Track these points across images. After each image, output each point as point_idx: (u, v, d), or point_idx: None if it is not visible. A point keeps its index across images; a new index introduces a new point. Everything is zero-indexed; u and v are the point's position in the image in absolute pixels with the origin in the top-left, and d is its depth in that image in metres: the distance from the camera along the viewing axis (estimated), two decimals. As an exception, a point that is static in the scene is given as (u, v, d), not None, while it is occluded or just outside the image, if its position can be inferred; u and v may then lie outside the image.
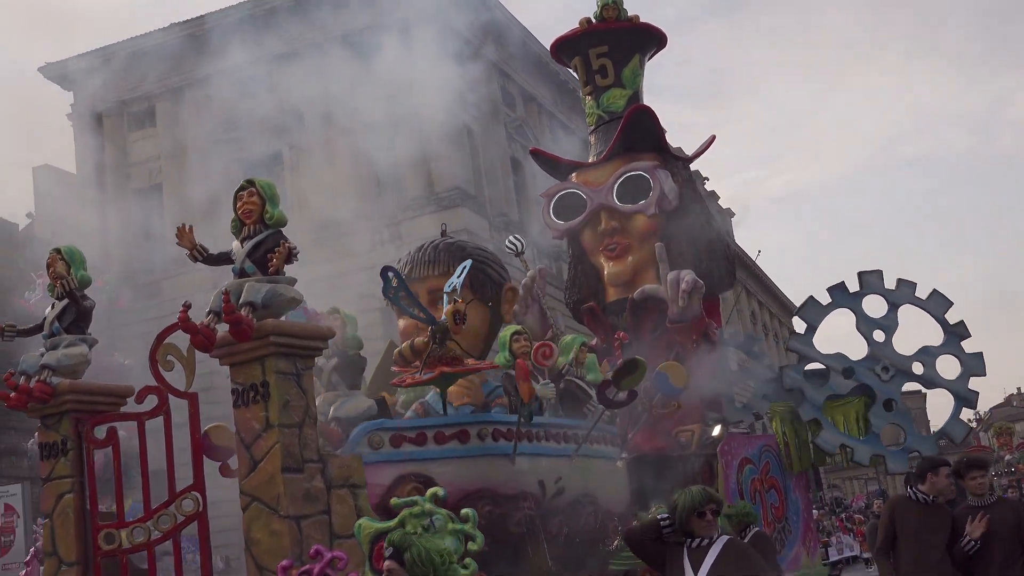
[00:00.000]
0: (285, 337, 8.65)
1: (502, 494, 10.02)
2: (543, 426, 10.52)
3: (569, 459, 10.68)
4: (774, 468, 13.40)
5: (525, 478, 10.22)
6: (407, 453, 9.81)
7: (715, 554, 6.62)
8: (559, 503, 10.55)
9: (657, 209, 14.04)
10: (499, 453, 10.07)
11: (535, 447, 10.37)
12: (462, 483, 9.74)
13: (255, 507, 8.55)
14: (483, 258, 11.81)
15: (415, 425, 10.15)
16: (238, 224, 9.06)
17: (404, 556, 4.28)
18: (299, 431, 8.68)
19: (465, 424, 10.12)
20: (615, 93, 14.72)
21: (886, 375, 13.62)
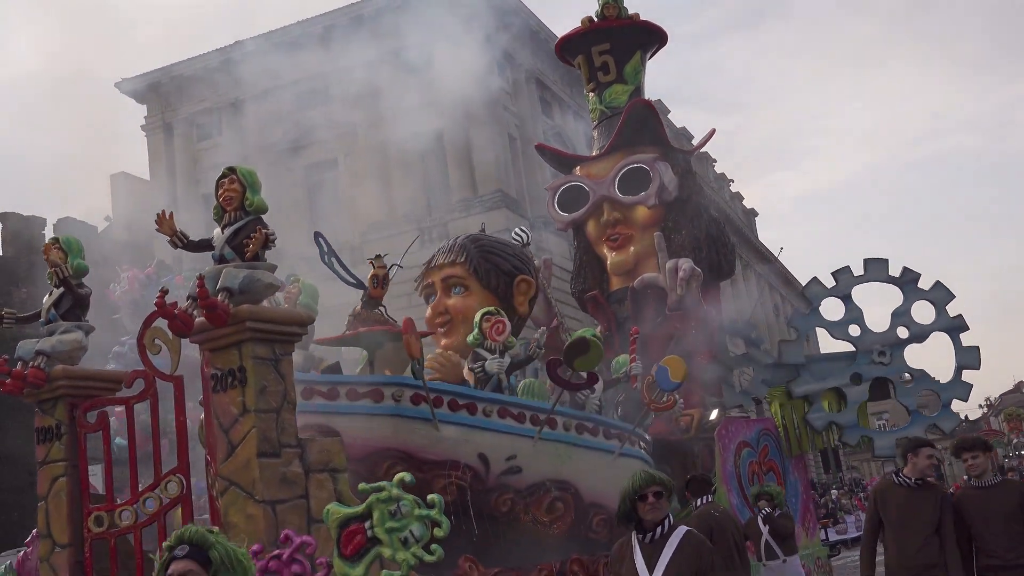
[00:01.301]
0: (262, 323, 7.95)
1: (421, 458, 9.22)
2: (496, 402, 9.67)
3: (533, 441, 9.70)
4: (772, 451, 12.55)
5: (458, 448, 9.36)
6: (315, 405, 9.05)
7: (672, 548, 5.38)
8: (511, 482, 9.65)
9: (657, 200, 13.27)
10: (416, 416, 9.22)
11: (476, 419, 9.48)
12: (368, 439, 9.01)
13: (232, 491, 7.86)
14: (492, 248, 11.11)
15: (330, 380, 9.41)
16: (219, 211, 8.37)
17: (209, 555, 3.44)
18: (277, 416, 7.98)
19: (380, 384, 9.32)
20: (617, 89, 13.97)
21: (885, 359, 12.72)
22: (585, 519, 10.11)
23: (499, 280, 10.80)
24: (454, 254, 10.92)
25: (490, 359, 9.96)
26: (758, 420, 13.00)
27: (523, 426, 9.74)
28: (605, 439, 10.31)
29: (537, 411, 9.88)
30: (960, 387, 12.79)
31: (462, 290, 10.74)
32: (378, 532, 7.21)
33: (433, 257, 11.24)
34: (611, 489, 10.18)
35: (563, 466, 9.94)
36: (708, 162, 51.46)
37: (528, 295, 11.01)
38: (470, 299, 10.62)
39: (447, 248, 11.21)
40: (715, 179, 51.28)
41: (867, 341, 12.71)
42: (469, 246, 10.97)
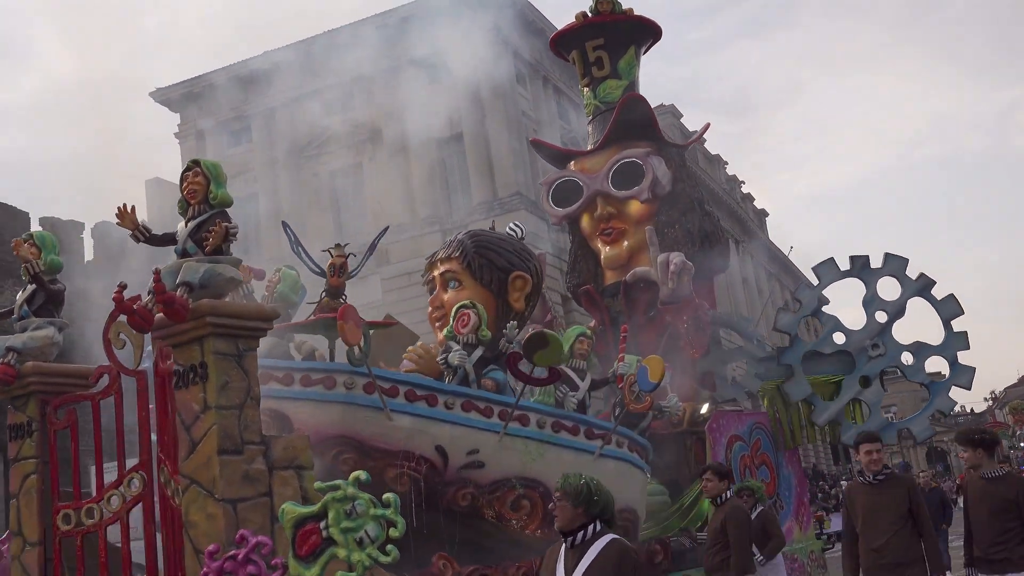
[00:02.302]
0: (223, 318, 7.37)
1: (371, 446, 8.62)
2: (460, 395, 9.03)
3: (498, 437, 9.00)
4: (765, 445, 11.90)
5: (413, 438, 8.71)
6: (269, 390, 8.49)
7: (591, 557, 4.88)
8: (474, 476, 8.95)
9: (650, 194, 12.64)
10: (369, 405, 8.63)
11: (434, 411, 8.84)
12: (319, 426, 8.47)
13: (193, 490, 7.27)
14: (489, 244, 10.39)
15: (286, 366, 8.91)
16: (184, 204, 7.81)
17: None
18: (239, 412, 7.39)
19: (334, 371, 8.78)
20: (611, 84, 13.33)
21: (880, 349, 12.03)
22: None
23: (493, 276, 10.17)
24: (452, 249, 10.34)
25: (453, 350, 9.39)
26: (751, 413, 12.35)
27: (489, 420, 9.04)
28: (586, 438, 9.58)
29: (505, 406, 9.29)
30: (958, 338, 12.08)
31: (457, 284, 10.12)
32: (333, 532, 6.62)
33: (436, 252, 10.70)
34: None
35: (532, 464, 9.17)
36: (719, 164, 50.70)
37: (524, 291, 10.33)
38: (463, 294, 10.00)
39: (447, 243, 10.66)
40: (726, 180, 50.50)
41: (855, 342, 12.05)
42: (466, 241, 10.35)
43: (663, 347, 12.07)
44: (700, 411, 11.64)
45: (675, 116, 45.98)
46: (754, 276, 50.49)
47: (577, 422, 9.55)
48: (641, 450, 10.01)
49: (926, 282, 12.29)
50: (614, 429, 9.70)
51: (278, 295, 10.09)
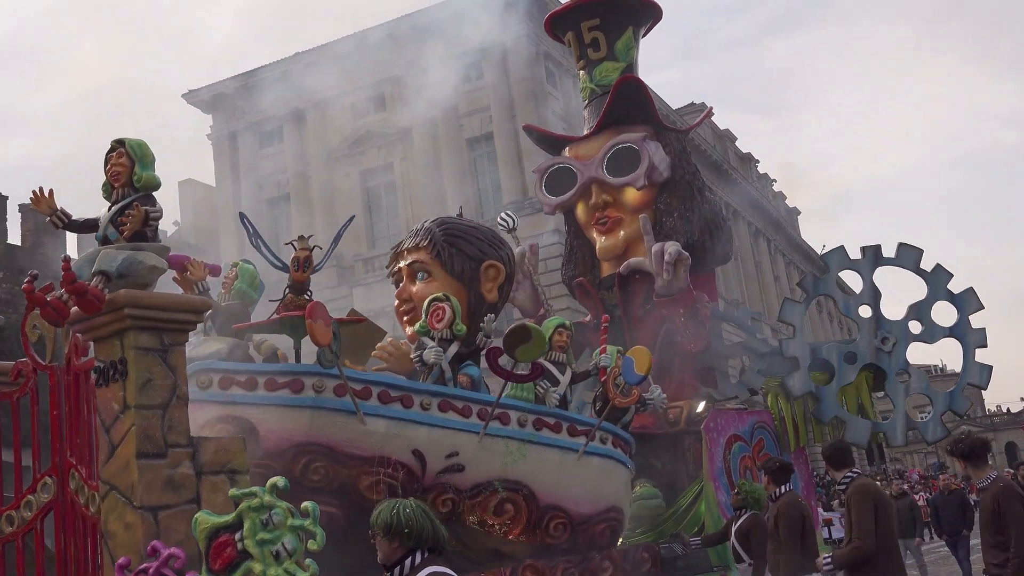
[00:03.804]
0: (144, 309, 6.54)
1: (345, 453, 7.81)
2: (436, 394, 8.20)
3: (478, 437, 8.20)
4: (769, 445, 10.94)
5: (388, 442, 7.89)
6: (232, 396, 7.78)
7: None
8: (454, 480, 8.14)
9: (647, 181, 11.66)
10: (340, 408, 7.83)
11: (410, 413, 8.02)
12: (287, 433, 7.71)
13: (112, 496, 6.46)
14: (459, 232, 9.51)
15: (248, 369, 8.08)
16: (108, 188, 7.00)
17: None
18: (163, 413, 6.57)
19: (300, 373, 7.93)
20: (607, 66, 12.34)
21: (886, 346, 11.02)
22: (541, 523, 8.50)
23: (464, 266, 9.28)
24: (419, 238, 9.42)
25: (428, 347, 8.50)
26: (752, 412, 11.36)
27: (467, 421, 8.22)
28: (570, 436, 8.71)
29: (485, 404, 8.42)
30: (958, 401, 11.12)
31: (425, 276, 9.22)
32: (248, 545, 5.81)
33: (401, 241, 9.78)
34: (573, 490, 8.61)
35: (514, 465, 8.36)
36: (751, 162, 49.47)
37: (497, 281, 9.46)
38: (433, 285, 9.11)
39: (413, 232, 9.71)
40: (757, 179, 49.25)
41: (875, 325, 11.05)
42: (434, 230, 9.45)
43: (660, 342, 11.15)
44: (696, 410, 10.69)
45: (706, 114, 44.80)
46: (786, 275, 49.25)
47: (559, 418, 8.73)
48: (624, 445, 9.16)
49: (980, 338, 11.32)
50: (598, 425, 8.86)
51: (235, 292, 9.29)
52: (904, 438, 11.47)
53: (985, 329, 11.31)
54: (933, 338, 11.32)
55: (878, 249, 11.59)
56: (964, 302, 11.40)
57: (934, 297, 11.46)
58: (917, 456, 64.25)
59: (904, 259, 11.61)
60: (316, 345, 7.41)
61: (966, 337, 11.23)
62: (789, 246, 51.48)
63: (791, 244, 51.55)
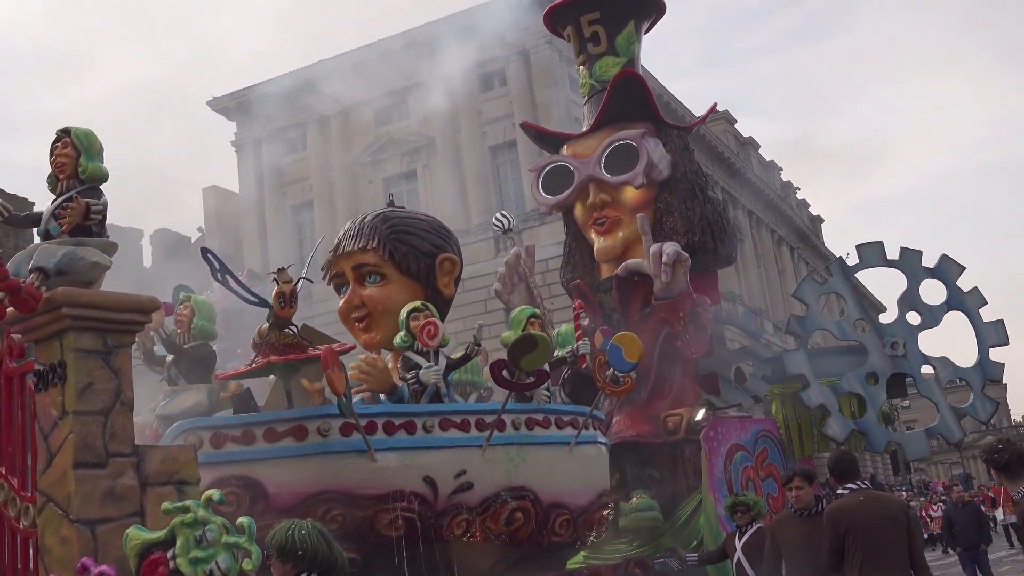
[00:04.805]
0: (84, 309, 6.02)
1: (361, 495, 7.27)
2: (435, 413, 7.67)
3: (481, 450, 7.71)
4: (773, 454, 10.27)
5: (399, 475, 7.37)
6: (229, 454, 7.14)
7: None
8: (464, 500, 7.65)
9: (646, 179, 11.05)
10: (350, 450, 7.26)
11: (416, 439, 7.50)
12: (298, 485, 7.13)
13: (49, 509, 5.95)
14: (406, 227, 8.81)
15: (241, 422, 7.40)
16: (53, 180, 6.49)
17: None
18: (104, 419, 6.05)
19: (302, 419, 7.32)
20: (608, 61, 11.72)
21: (899, 350, 10.34)
22: (547, 523, 8.08)
23: (419, 263, 8.68)
24: (364, 238, 8.68)
25: (425, 367, 7.93)
26: (755, 420, 10.70)
27: (469, 435, 7.74)
28: (559, 429, 8.25)
29: (482, 414, 7.88)
30: (989, 367, 10.34)
31: (378, 279, 8.60)
32: (181, 564, 5.23)
33: (339, 242, 8.99)
34: (571, 484, 8.19)
35: (516, 471, 7.89)
36: (775, 170, 48.63)
37: (453, 274, 8.91)
38: (388, 288, 8.54)
39: (354, 231, 8.89)
40: (781, 186, 48.37)
41: (877, 336, 10.38)
42: (380, 227, 8.73)
43: (659, 347, 10.54)
44: (695, 418, 10.07)
45: (729, 122, 44.08)
46: (810, 279, 48.27)
47: (546, 413, 8.24)
48: (601, 425, 8.78)
49: (976, 298, 10.58)
50: (590, 414, 8.39)
51: (197, 330, 8.54)
52: (960, 431, 10.72)
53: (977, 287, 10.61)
54: (936, 320, 10.58)
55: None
56: (945, 271, 10.67)
57: (915, 281, 10.75)
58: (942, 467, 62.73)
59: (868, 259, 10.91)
60: (335, 394, 6.89)
61: (964, 303, 10.51)
62: (813, 254, 50.52)
63: (815, 252, 50.60)
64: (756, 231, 44.10)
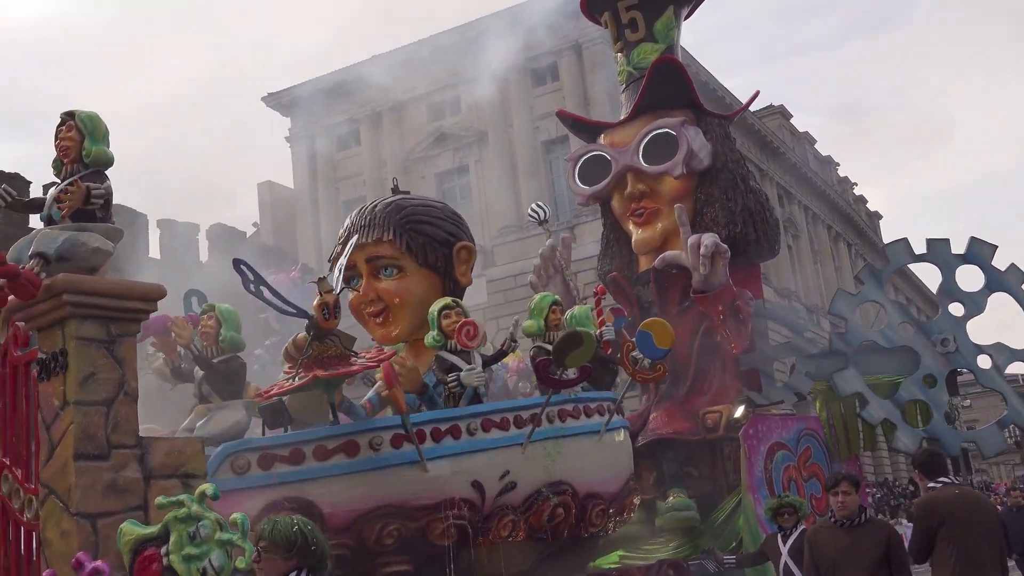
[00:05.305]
0: (85, 296, 5.79)
1: (414, 507, 7.02)
2: (476, 415, 7.40)
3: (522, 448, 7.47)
4: (817, 453, 9.85)
5: (450, 482, 7.13)
6: (278, 475, 6.84)
7: None
8: (510, 500, 7.43)
9: (685, 169, 10.63)
10: (403, 462, 7.00)
11: (463, 444, 7.25)
12: (353, 503, 6.88)
13: (51, 502, 5.75)
14: (421, 216, 8.46)
15: (289, 441, 7.08)
16: (58, 164, 6.28)
17: None
18: (107, 410, 5.84)
19: (352, 434, 7.03)
20: (646, 48, 11.31)
21: (950, 346, 9.83)
22: (584, 515, 7.88)
23: (436, 253, 8.34)
24: (378, 230, 8.30)
25: (466, 369, 7.66)
26: (799, 418, 10.25)
27: (509, 434, 7.52)
28: (587, 418, 8.03)
29: (518, 411, 7.63)
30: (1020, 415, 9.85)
31: (395, 272, 8.27)
32: (174, 560, 4.98)
33: (348, 233, 8.56)
34: (602, 472, 8.01)
35: (554, 466, 7.70)
36: (831, 165, 47.69)
37: (470, 263, 8.57)
38: (406, 281, 8.21)
39: (365, 222, 8.47)
40: (838, 182, 47.40)
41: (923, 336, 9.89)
42: (394, 217, 8.37)
43: (699, 341, 10.15)
44: (734, 415, 9.65)
45: (784, 116, 43.27)
46: (867, 277, 47.29)
47: (575, 403, 7.99)
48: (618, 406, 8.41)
49: (1016, 275, 10.07)
50: (620, 401, 8.23)
51: (226, 342, 8.09)
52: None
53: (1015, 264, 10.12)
54: (979, 307, 10.10)
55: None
56: (977, 255, 10.21)
57: (948, 270, 10.26)
58: (1004, 468, 60.95)
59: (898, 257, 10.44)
60: (399, 411, 6.74)
61: (1005, 282, 10.04)
62: (870, 250, 49.48)
63: (872, 248, 49.54)
64: (812, 227, 43.25)
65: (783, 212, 40.09)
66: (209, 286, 14.92)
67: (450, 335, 7.70)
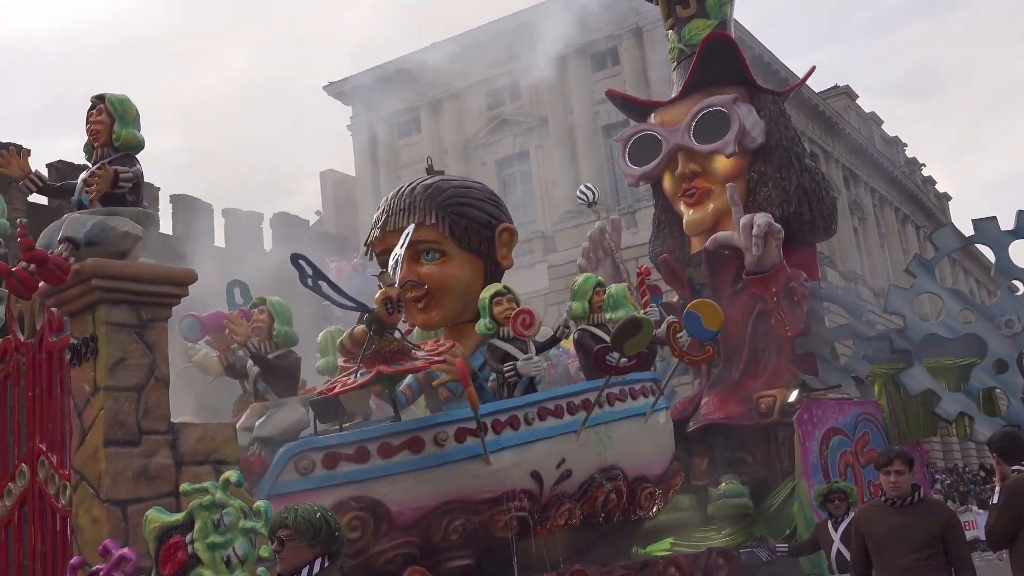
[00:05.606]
0: (115, 281, 5.72)
1: (478, 500, 6.85)
2: (532, 403, 7.21)
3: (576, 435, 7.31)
4: (875, 439, 9.48)
5: (511, 474, 6.95)
6: (345, 474, 6.66)
7: None
8: (565, 488, 7.27)
9: (737, 147, 10.28)
10: (467, 456, 6.83)
11: (523, 434, 7.07)
12: (419, 500, 6.69)
13: (83, 488, 5.69)
14: (462, 198, 8.11)
15: (353, 439, 6.87)
16: (89, 148, 6.20)
17: None
18: (138, 396, 5.76)
19: (417, 430, 6.84)
20: (698, 24, 10.94)
21: (1016, 327, 9.41)
22: (634, 499, 7.71)
23: (480, 236, 8.02)
24: (417, 213, 7.92)
25: (523, 358, 7.44)
26: (855, 402, 9.88)
27: (563, 421, 7.36)
28: (633, 400, 7.86)
29: (569, 397, 7.48)
30: None
31: (436, 256, 7.94)
32: (199, 548, 4.89)
33: (384, 217, 8.17)
34: (649, 455, 7.86)
35: (605, 451, 7.55)
36: (899, 146, 46.58)
37: (511, 245, 8.29)
38: (448, 265, 7.90)
39: (404, 205, 8.05)
40: (906, 163, 46.29)
41: (987, 320, 9.48)
42: (436, 200, 8.00)
43: (752, 324, 9.84)
44: (788, 399, 9.33)
45: (850, 97, 42.35)
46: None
47: (621, 386, 7.79)
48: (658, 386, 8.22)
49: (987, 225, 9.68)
50: (665, 384, 8.11)
51: (280, 337, 7.94)
52: None
53: None
54: None
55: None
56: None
57: (1001, 248, 9.84)
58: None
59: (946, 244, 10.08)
60: (473, 410, 6.59)
61: None
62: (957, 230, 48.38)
63: (944, 230, 48.48)
64: (879, 209, 42.31)
65: (849, 194, 39.26)
66: (272, 274, 14.87)
67: (502, 322, 7.50)
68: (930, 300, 10.62)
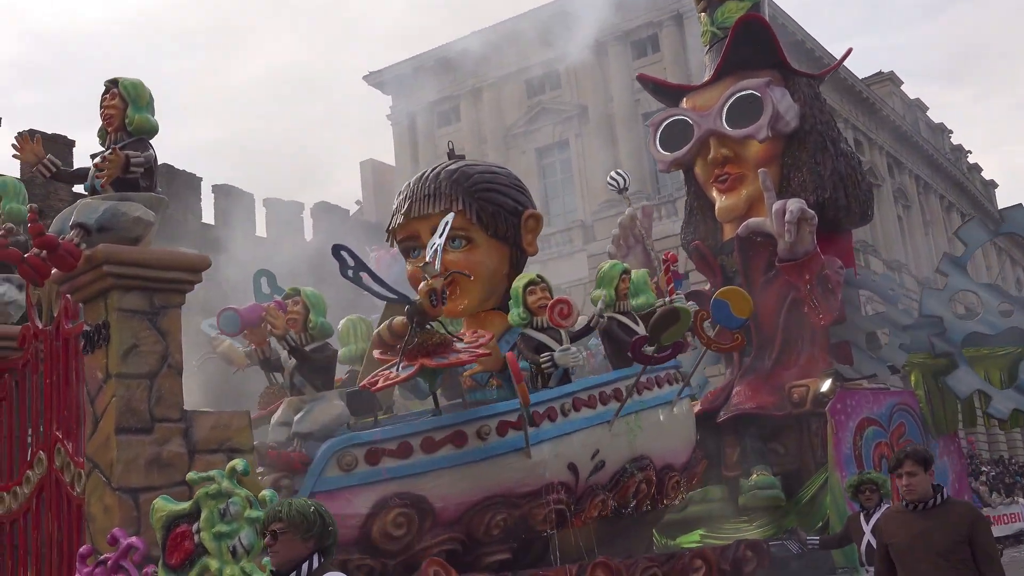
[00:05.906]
0: (127, 267, 5.64)
1: (519, 494, 6.74)
2: (567, 395, 7.10)
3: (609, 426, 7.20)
4: (911, 430, 9.24)
5: (550, 467, 6.85)
6: (389, 470, 6.52)
7: None
8: (599, 480, 7.16)
9: (771, 132, 10.01)
10: (509, 450, 6.70)
11: (560, 426, 6.95)
12: (462, 495, 6.58)
13: (95, 476, 5.62)
14: (488, 184, 7.86)
15: (395, 434, 6.70)
16: (103, 133, 6.11)
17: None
18: (151, 383, 5.68)
19: (459, 424, 6.69)
20: (731, 7, 10.65)
21: (1043, 311, 9.11)
22: (663, 489, 7.60)
23: (507, 223, 7.82)
24: (444, 200, 7.67)
25: (560, 349, 7.28)
26: (891, 392, 9.61)
27: (596, 412, 7.25)
28: (659, 388, 7.77)
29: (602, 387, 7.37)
30: None
31: (463, 243, 7.71)
32: (205, 538, 4.80)
33: (408, 203, 7.90)
34: (675, 443, 7.79)
35: (636, 441, 7.44)
36: (944, 133, 45.74)
37: (537, 232, 8.11)
38: (476, 253, 7.69)
39: (429, 191, 7.78)
40: (951, 150, 45.44)
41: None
42: (462, 186, 7.75)
43: (785, 312, 9.61)
44: (821, 389, 9.10)
45: (895, 83, 41.61)
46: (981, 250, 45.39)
47: (647, 375, 7.64)
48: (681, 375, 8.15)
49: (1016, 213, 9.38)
50: (692, 373, 8.11)
51: (316, 329, 7.69)
52: None
53: None
54: None
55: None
56: None
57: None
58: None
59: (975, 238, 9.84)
60: (524, 406, 6.45)
61: None
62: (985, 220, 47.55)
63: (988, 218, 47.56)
64: (924, 197, 41.58)
65: (893, 182, 38.61)
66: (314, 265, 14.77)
67: (536, 312, 7.35)
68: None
